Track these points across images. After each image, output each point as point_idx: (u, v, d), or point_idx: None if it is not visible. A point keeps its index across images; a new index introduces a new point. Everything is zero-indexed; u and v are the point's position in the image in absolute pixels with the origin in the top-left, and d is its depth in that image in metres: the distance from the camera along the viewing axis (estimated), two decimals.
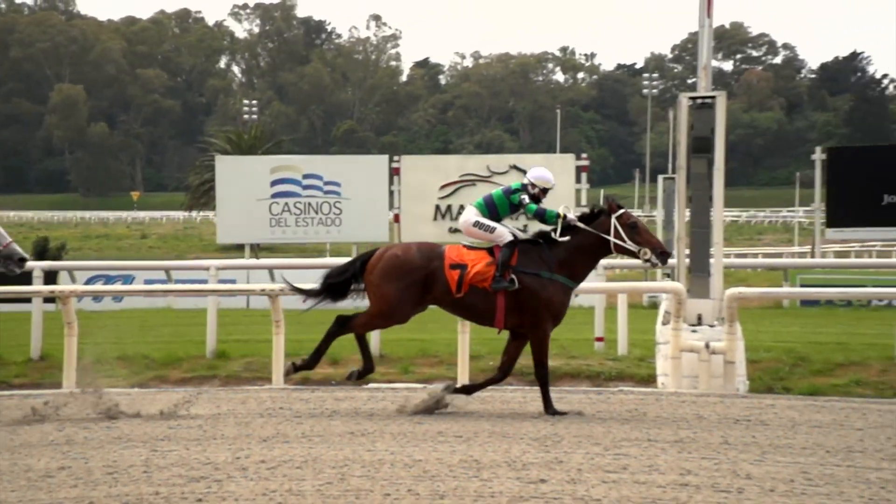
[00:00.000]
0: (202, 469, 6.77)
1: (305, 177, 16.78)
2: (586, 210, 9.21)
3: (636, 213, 58.42)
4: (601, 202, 9.11)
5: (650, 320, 12.62)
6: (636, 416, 8.50)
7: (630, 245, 8.67)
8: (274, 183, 16.78)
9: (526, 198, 8.91)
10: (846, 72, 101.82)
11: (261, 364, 11.43)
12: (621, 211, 8.82)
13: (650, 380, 10.90)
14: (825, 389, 10.36)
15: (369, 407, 8.98)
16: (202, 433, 8.00)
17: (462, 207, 16.35)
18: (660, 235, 22.70)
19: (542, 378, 8.79)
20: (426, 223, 16.03)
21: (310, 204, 16.79)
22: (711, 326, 10.74)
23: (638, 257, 8.80)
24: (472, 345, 10.62)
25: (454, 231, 16.21)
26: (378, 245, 19.35)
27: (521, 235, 9.08)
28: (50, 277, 16.14)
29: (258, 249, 20.39)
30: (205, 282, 13.68)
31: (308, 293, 9.36)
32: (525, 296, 8.62)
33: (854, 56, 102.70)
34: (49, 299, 12.72)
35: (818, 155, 14.12)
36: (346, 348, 12.72)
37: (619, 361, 11.87)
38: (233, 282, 16.08)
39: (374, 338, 12.58)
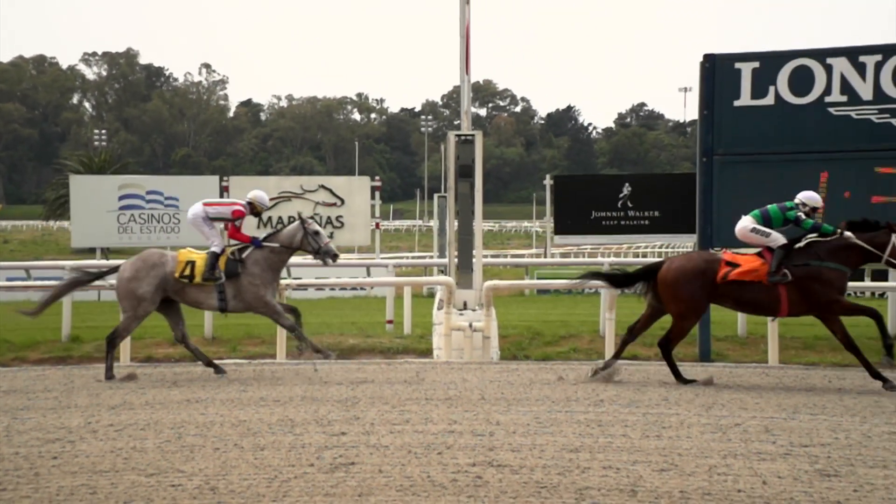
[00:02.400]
0: (58, 432, 6.42)
1: (149, 193, 16.30)
2: (869, 219, 8.42)
3: (418, 223, 58.44)
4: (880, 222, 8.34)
5: (428, 306, 12.79)
6: (417, 380, 8.56)
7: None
8: (121, 198, 16.25)
9: (802, 215, 8.36)
10: (565, 120, 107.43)
11: None
12: None
13: (428, 352, 11.02)
14: (553, 355, 10.74)
15: (203, 380, 8.68)
16: (57, 403, 7.57)
17: (280, 219, 16.24)
18: (435, 241, 23.11)
19: (854, 349, 8.27)
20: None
21: (152, 215, 16.28)
22: (474, 310, 10.97)
23: None
24: None
25: None
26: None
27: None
28: None
29: (108, 252, 19.34)
30: (61, 279, 12.92)
31: (608, 279, 9.11)
32: (805, 283, 8.14)
33: (569, 108, 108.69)
34: None
35: (548, 181, 14.70)
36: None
37: (405, 339, 11.95)
38: None
39: (207, 323, 12.18)
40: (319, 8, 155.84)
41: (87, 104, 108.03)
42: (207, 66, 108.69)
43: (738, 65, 10.30)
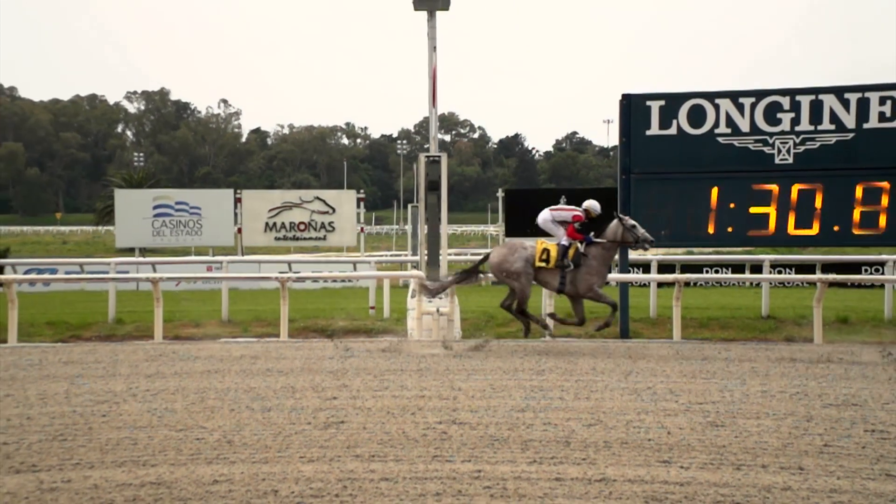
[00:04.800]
0: (105, 395, 6.40)
1: (177, 203, 16.14)
2: None
3: (395, 227, 58.36)
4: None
5: (403, 295, 12.77)
6: (394, 355, 8.54)
7: None
8: (155, 207, 16.10)
9: None
10: (513, 144, 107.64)
11: (146, 327, 10.73)
12: None
13: (403, 333, 10.99)
14: (504, 335, 10.69)
15: (221, 354, 8.59)
16: (105, 371, 7.50)
17: (283, 224, 16.14)
18: (409, 242, 23.04)
19: None
20: (259, 234, 15.67)
21: (180, 221, 16.11)
22: (440, 298, 10.93)
23: None
24: (290, 312, 10.36)
25: (278, 239, 15.86)
26: (227, 248, 18.64)
27: None
28: None
29: (144, 251, 19.06)
30: (107, 272, 12.76)
31: None
32: None
33: (517, 135, 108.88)
34: None
35: (500, 194, 14.71)
36: (205, 314, 12.16)
37: (384, 321, 11.91)
38: (126, 272, 14.98)
39: (224, 308, 12.05)
40: (316, 53, 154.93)
41: (128, 132, 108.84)
42: (225, 101, 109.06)
43: (648, 102, 10.41)
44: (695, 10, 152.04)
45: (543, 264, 9.02)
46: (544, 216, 9.40)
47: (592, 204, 9.40)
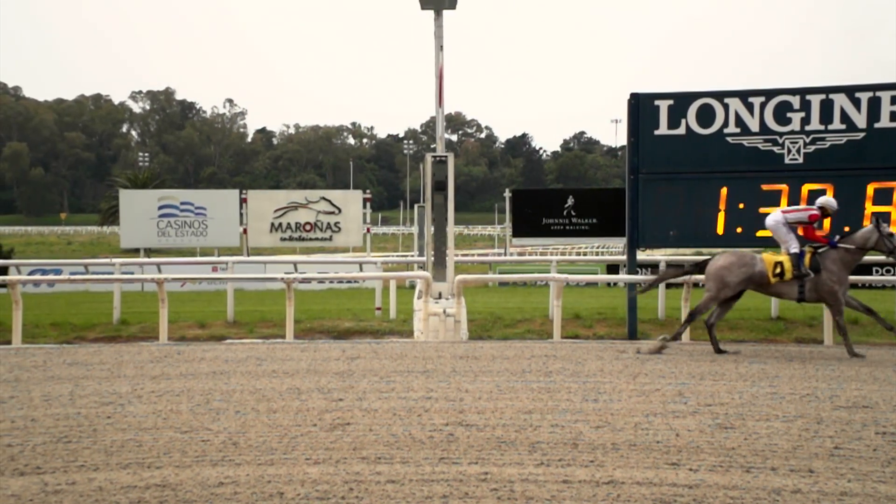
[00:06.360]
0: (110, 397, 6.40)
1: (182, 203, 16.18)
2: None
3: (401, 228, 58.65)
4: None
5: (410, 296, 12.77)
6: (400, 356, 8.51)
7: None
8: (160, 208, 16.15)
9: None
10: (520, 144, 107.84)
11: (151, 328, 10.76)
12: None
13: (409, 334, 10.99)
14: (511, 336, 10.73)
15: (226, 356, 8.60)
16: (110, 373, 7.49)
17: (289, 225, 16.15)
18: (415, 243, 23.04)
19: None
20: (264, 234, 15.67)
21: (185, 221, 16.16)
22: (447, 299, 10.94)
23: None
24: (296, 313, 10.39)
25: (284, 239, 15.90)
26: (232, 249, 18.70)
27: None
28: (2, 270, 15.84)
29: (149, 251, 19.14)
30: (111, 273, 12.81)
31: None
32: None
33: (524, 136, 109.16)
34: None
35: (507, 194, 14.65)
36: (210, 315, 12.20)
37: (391, 322, 11.94)
38: (131, 273, 15.03)
39: (229, 309, 12.09)
40: (322, 52, 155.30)
41: (133, 132, 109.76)
42: (230, 100, 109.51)
43: (657, 102, 10.39)
44: (704, 8, 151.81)
45: (778, 279, 8.58)
46: (775, 218, 8.79)
47: (829, 200, 8.80)
